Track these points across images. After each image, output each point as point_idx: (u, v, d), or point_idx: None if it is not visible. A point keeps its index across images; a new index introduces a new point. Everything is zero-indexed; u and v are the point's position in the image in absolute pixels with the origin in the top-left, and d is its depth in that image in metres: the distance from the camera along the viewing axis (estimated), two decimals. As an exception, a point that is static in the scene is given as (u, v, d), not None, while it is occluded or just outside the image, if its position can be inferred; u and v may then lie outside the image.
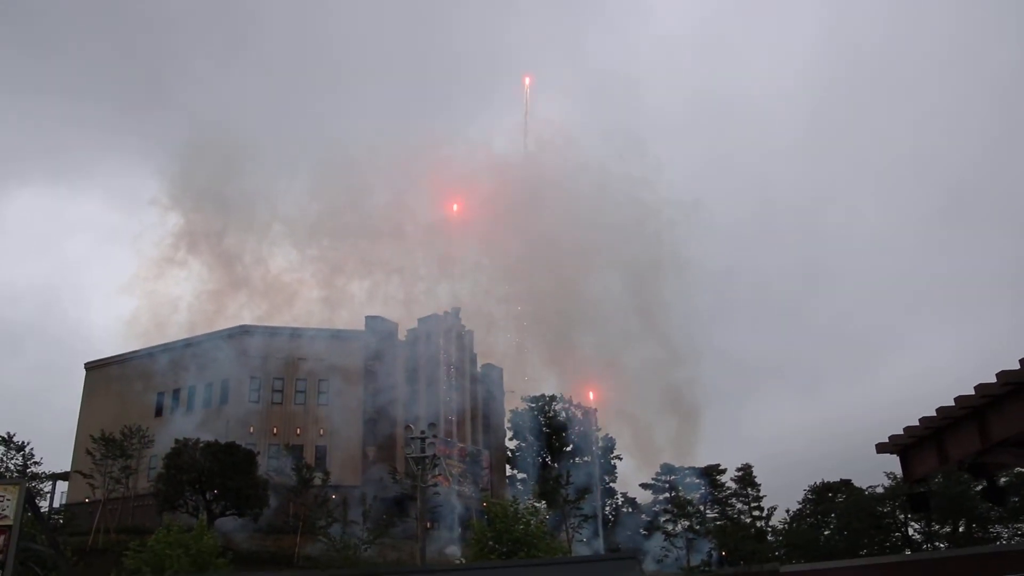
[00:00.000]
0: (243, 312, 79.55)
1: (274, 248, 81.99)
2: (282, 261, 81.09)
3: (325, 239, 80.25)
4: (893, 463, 13.42)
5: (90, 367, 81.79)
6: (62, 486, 74.79)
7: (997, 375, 10.49)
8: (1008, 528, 67.33)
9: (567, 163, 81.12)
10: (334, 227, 79.52)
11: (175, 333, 78.33)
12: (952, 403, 11.34)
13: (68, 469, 72.95)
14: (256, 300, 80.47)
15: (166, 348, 75.81)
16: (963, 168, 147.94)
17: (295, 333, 72.48)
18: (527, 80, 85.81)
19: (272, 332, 72.88)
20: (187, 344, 74.37)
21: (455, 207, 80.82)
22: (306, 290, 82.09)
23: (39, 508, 50.28)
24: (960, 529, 68.92)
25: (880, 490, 73.12)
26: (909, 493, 14.65)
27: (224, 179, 78.90)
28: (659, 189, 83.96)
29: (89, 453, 63.32)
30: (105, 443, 62.93)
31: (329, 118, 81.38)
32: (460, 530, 65.98)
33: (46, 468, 70.82)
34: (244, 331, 73.42)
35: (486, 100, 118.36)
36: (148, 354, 76.12)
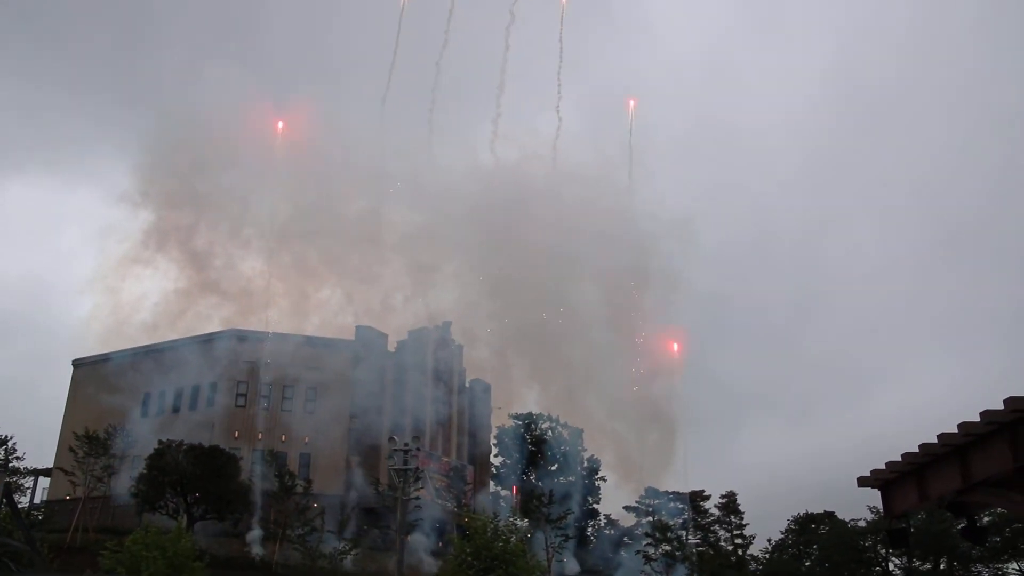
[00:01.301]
0: (213, 313, 77.78)
1: (255, 252, 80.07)
2: (261, 266, 79.27)
3: (305, 246, 78.67)
4: (876, 497, 13.46)
5: (77, 364, 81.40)
6: (44, 482, 74.42)
7: (981, 414, 10.54)
8: (989, 567, 67.38)
9: (554, 173, 79.86)
10: (314, 235, 77.95)
11: (137, 335, 77.12)
12: (935, 440, 11.38)
13: (51, 465, 72.51)
14: (236, 306, 78.87)
15: (153, 349, 75.45)
16: (964, 206, 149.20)
17: (283, 339, 72.14)
18: None
19: (261, 338, 72.55)
20: (174, 346, 73.95)
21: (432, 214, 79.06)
22: (287, 297, 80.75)
23: (16, 503, 49.99)
24: (942, 566, 68.94)
25: (863, 523, 73.14)
26: (889, 528, 14.68)
27: (198, 177, 76.93)
28: (650, 203, 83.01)
29: (72, 450, 62.92)
30: (88, 441, 62.53)
31: (313, 117, 78.94)
32: (440, 544, 65.73)
33: (29, 463, 70.55)
34: (232, 336, 73.19)
35: (468, 108, 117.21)
36: (135, 354, 75.70)
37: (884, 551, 70.39)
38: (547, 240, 77.22)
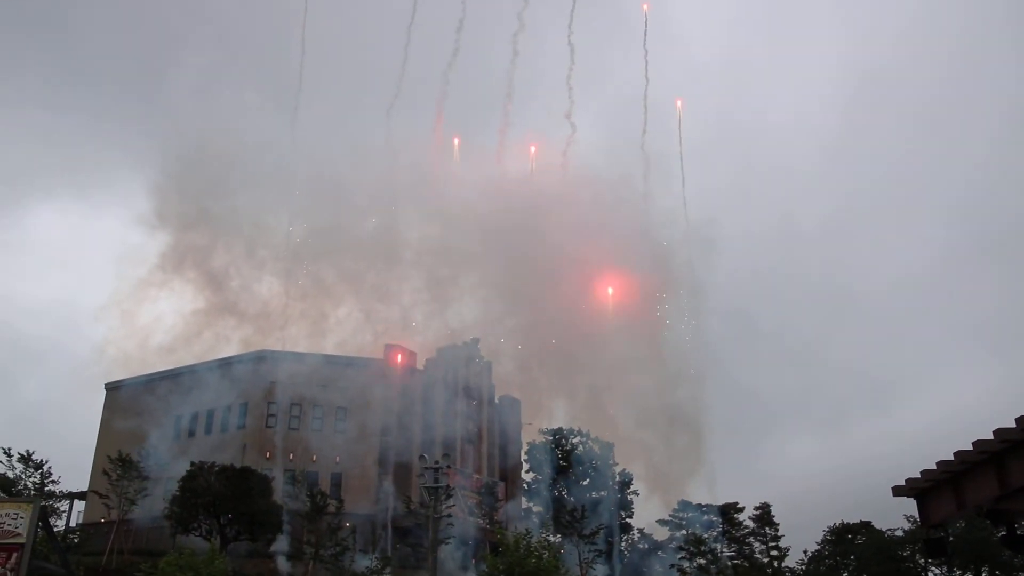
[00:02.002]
0: (232, 335, 77.41)
1: (271, 273, 79.74)
2: (278, 286, 79.08)
3: (321, 265, 78.10)
4: (913, 505, 13.23)
5: (110, 387, 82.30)
6: (79, 505, 75.03)
7: (1017, 420, 10.34)
8: (1033, 577, 65.84)
9: (568, 182, 78.76)
10: (329, 253, 77.40)
11: (158, 357, 77.43)
12: (971, 447, 11.17)
13: (86, 488, 73.21)
14: (254, 327, 78.60)
15: (182, 372, 76.02)
16: (996, 207, 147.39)
17: (310, 359, 72.44)
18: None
19: (287, 358, 72.84)
20: (202, 369, 74.42)
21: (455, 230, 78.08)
22: (307, 317, 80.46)
23: (52, 527, 50.42)
24: (983, 576, 67.59)
25: (900, 533, 72.00)
26: (927, 538, 14.40)
27: (217, 198, 76.48)
28: (670, 211, 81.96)
29: (106, 473, 63.53)
30: (122, 464, 63.10)
31: (323, 133, 78.15)
32: (472, 560, 65.53)
33: (64, 487, 71.11)
34: (259, 357, 73.60)
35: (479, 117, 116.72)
36: (164, 377, 76.44)
37: (923, 561, 69.18)
38: (563, 250, 76.55)
